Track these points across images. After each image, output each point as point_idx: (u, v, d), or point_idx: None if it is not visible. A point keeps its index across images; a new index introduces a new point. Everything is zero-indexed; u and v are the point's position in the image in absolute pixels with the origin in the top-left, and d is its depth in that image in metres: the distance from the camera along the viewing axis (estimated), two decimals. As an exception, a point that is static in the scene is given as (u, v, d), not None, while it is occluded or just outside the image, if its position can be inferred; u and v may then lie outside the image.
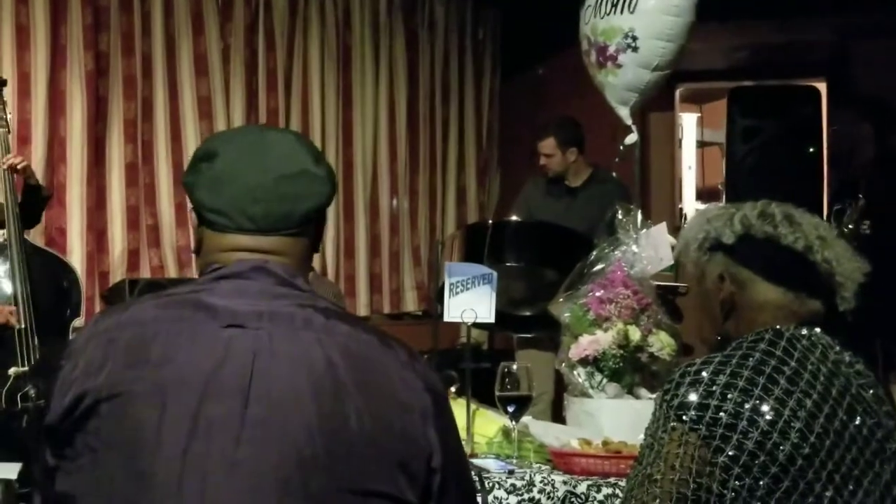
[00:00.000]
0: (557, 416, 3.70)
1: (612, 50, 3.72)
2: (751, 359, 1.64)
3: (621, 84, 3.75)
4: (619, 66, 3.71)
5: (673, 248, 2.83)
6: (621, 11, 3.67)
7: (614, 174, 4.84)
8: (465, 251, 4.40)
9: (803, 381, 1.61)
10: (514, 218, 4.47)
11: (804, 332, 1.69)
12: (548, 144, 4.75)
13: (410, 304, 7.20)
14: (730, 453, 1.55)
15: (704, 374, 1.63)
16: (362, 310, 6.82)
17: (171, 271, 6.19)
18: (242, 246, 1.41)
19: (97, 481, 1.28)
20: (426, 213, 7.33)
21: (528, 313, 4.36)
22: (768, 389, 1.59)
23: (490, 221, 4.47)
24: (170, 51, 6.25)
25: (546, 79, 6.92)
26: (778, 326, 1.69)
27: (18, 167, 4.32)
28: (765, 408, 1.57)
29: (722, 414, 1.57)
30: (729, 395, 1.58)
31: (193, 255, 1.51)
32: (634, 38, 3.66)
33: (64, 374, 1.33)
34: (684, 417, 1.59)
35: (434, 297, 5.04)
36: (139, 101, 6.15)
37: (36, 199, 4.49)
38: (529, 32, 6.86)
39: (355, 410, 1.29)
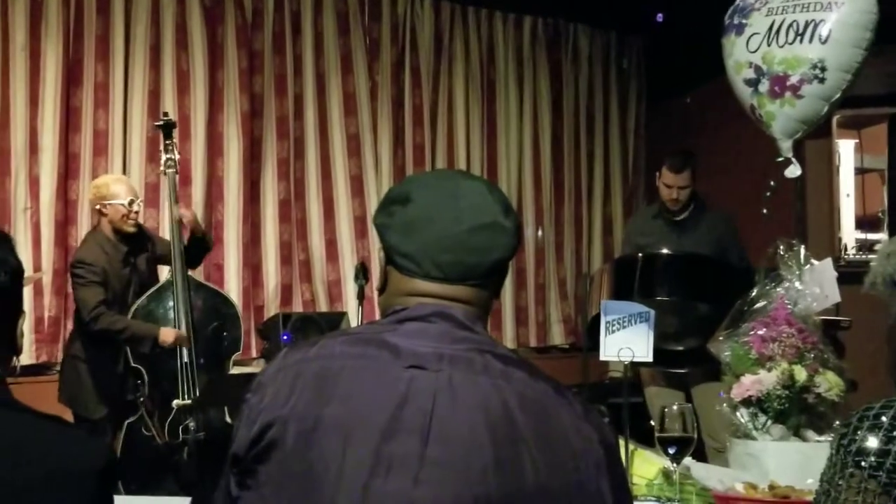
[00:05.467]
0: (696, 458, 3.58)
1: (794, 80, 3.57)
2: (933, 403, 1.55)
3: (797, 115, 3.60)
4: (801, 97, 3.57)
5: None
6: (809, 41, 3.54)
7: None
8: (614, 284, 4.34)
9: None
10: (664, 251, 4.37)
11: None
12: (685, 177, 4.65)
13: (557, 337, 7.16)
14: (912, 502, 1.48)
15: (884, 418, 1.55)
16: (508, 343, 6.80)
17: (322, 305, 6.33)
18: (426, 292, 1.43)
19: None
20: (572, 244, 7.30)
21: (679, 348, 4.28)
22: (953, 436, 1.51)
23: (640, 254, 4.36)
24: (320, 90, 6.43)
25: (693, 107, 6.79)
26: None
27: (184, 221, 4.58)
28: (949, 455, 1.49)
29: (904, 461, 1.50)
30: (911, 442, 1.51)
31: (376, 293, 1.53)
32: (823, 70, 3.52)
33: (251, 405, 1.38)
34: (863, 464, 1.52)
35: (583, 331, 4.98)
36: (291, 140, 6.35)
37: (200, 248, 4.71)
38: (675, 61, 6.77)
39: (530, 458, 1.29)
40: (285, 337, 5.44)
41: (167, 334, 4.42)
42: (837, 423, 2.49)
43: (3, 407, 1.42)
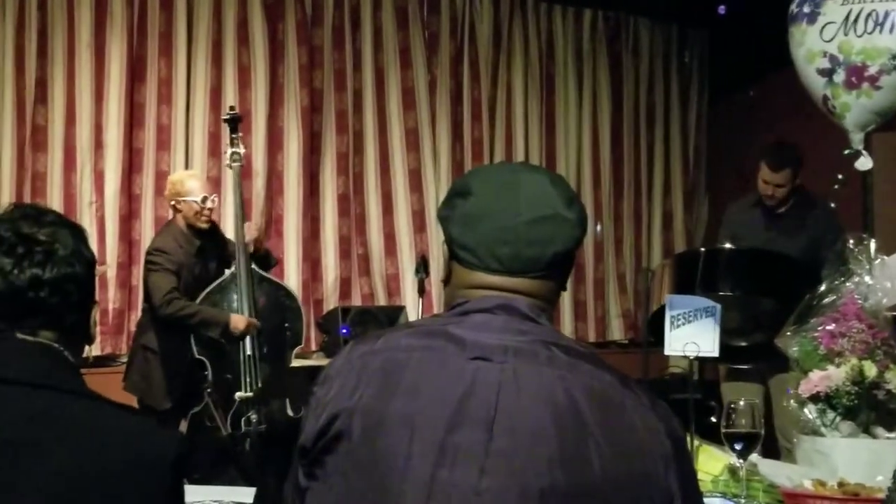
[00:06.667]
0: (767, 454, 3.54)
1: (873, 70, 3.48)
2: None
3: (873, 107, 3.52)
4: (879, 87, 3.49)
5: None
6: (890, 31, 3.46)
7: (809, 195, 4.62)
8: (675, 280, 4.29)
9: None
10: (727, 245, 4.31)
11: None
12: (784, 176, 4.52)
13: (616, 332, 7.11)
14: None
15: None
16: (567, 338, 6.76)
17: (381, 299, 6.36)
18: (488, 284, 1.42)
19: (346, 503, 1.32)
20: (631, 239, 7.24)
21: (742, 343, 4.22)
22: None
23: (702, 249, 4.30)
24: (379, 85, 6.46)
25: (757, 100, 6.69)
26: None
27: (247, 239, 4.63)
28: None
29: (982, 460, 1.46)
30: None
31: (439, 286, 1.54)
32: None
33: (318, 397, 1.39)
34: (938, 462, 1.49)
35: (643, 326, 4.95)
36: (350, 134, 6.38)
37: (262, 266, 4.74)
38: (738, 53, 6.67)
39: (597, 450, 1.28)
40: (344, 330, 5.48)
41: (238, 321, 4.46)
42: (909, 420, 2.44)
43: (79, 396, 1.45)
